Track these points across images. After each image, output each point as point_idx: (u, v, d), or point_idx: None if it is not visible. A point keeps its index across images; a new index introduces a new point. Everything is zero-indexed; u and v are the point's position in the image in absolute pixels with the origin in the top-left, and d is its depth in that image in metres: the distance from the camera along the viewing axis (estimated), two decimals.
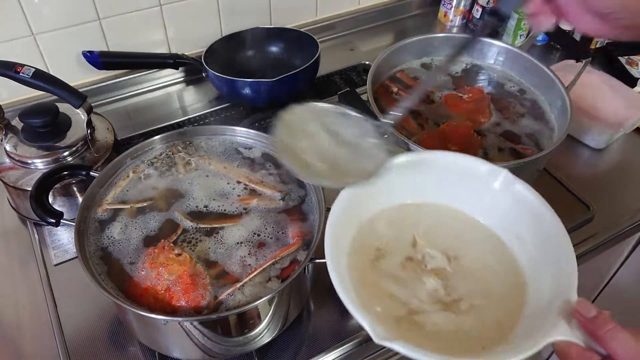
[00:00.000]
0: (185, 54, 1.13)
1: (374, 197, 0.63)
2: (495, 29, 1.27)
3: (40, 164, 0.85)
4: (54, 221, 0.68)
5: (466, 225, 0.64)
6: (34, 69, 0.83)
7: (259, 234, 0.70)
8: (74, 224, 0.67)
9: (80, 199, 0.80)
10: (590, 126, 1.01)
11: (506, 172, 0.61)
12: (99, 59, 1.06)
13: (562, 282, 0.52)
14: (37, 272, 0.82)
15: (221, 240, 0.69)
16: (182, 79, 1.19)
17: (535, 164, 0.80)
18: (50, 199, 0.73)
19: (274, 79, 1.02)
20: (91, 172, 0.74)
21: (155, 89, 1.18)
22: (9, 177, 0.85)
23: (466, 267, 0.61)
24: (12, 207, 0.91)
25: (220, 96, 1.15)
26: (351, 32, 1.35)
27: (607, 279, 1.26)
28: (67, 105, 0.86)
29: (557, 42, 1.26)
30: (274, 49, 1.21)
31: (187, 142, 0.81)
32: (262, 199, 0.74)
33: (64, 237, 0.87)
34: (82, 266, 0.63)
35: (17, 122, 0.88)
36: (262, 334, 0.68)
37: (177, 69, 1.15)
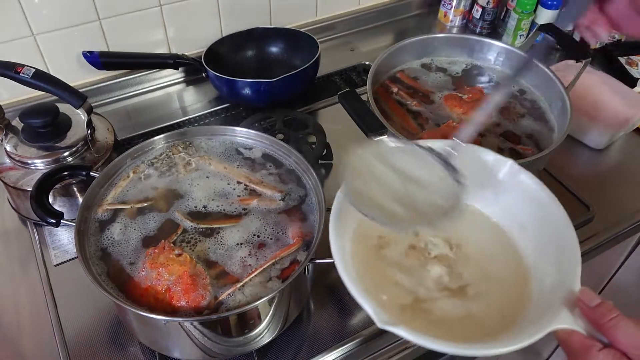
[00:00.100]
0: (185, 54, 1.13)
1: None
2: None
3: (40, 164, 0.85)
4: (54, 221, 0.68)
5: (467, 214, 0.64)
6: (34, 69, 0.83)
7: (259, 235, 0.70)
8: (74, 224, 0.67)
9: (80, 199, 0.80)
10: (590, 126, 1.01)
11: (512, 162, 0.62)
12: (99, 59, 1.06)
13: (565, 271, 0.52)
14: (38, 273, 0.82)
15: (221, 240, 0.69)
16: (182, 79, 1.19)
17: (535, 164, 0.80)
18: (50, 199, 0.73)
19: (274, 79, 1.02)
20: (91, 173, 0.74)
21: (155, 89, 1.18)
22: (9, 178, 0.85)
23: (469, 255, 0.61)
24: (12, 207, 0.92)
25: (220, 96, 1.15)
26: (351, 32, 1.35)
27: (607, 279, 1.26)
28: (67, 105, 0.86)
29: (557, 43, 1.26)
30: (274, 49, 1.22)
31: (187, 143, 0.81)
32: (262, 199, 0.74)
33: (64, 238, 0.87)
34: (82, 266, 0.63)
35: (17, 123, 0.88)
36: (263, 334, 0.68)
37: (177, 69, 1.15)
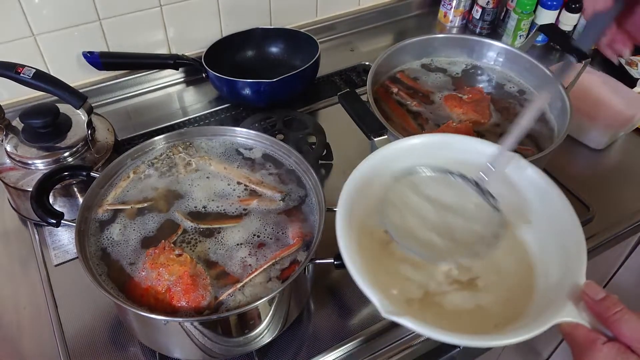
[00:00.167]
0: (185, 54, 1.14)
1: (384, 179, 0.63)
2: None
3: (40, 165, 0.85)
4: (55, 222, 0.68)
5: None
6: (34, 70, 0.83)
7: (259, 235, 0.70)
8: (74, 225, 0.67)
9: (80, 200, 0.80)
10: (590, 127, 1.01)
11: (518, 156, 0.62)
12: (100, 60, 1.06)
13: (570, 265, 0.52)
14: (38, 273, 0.82)
15: (221, 240, 0.69)
16: (182, 80, 1.20)
17: (535, 164, 0.80)
18: (50, 200, 0.73)
19: (274, 80, 1.02)
20: (92, 173, 0.74)
21: (155, 90, 1.18)
22: (10, 178, 0.85)
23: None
24: (12, 207, 0.92)
25: (220, 97, 1.15)
26: (351, 32, 1.35)
27: (607, 279, 1.26)
28: (68, 105, 0.86)
29: (556, 43, 1.26)
30: (274, 50, 1.22)
31: (187, 143, 0.81)
32: (263, 199, 0.74)
33: (64, 238, 0.87)
34: (82, 267, 0.63)
35: (17, 123, 0.88)
36: (263, 334, 0.68)
37: (178, 70, 1.15)
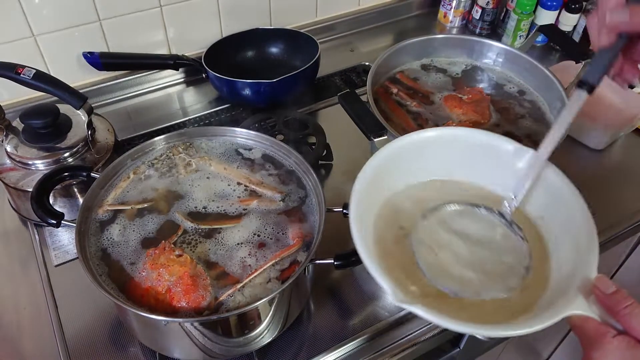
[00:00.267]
0: (185, 54, 1.14)
1: (397, 173, 0.63)
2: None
3: (41, 165, 0.85)
4: (55, 222, 0.68)
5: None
6: (34, 70, 0.83)
7: (259, 235, 0.70)
8: (74, 225, 0.67)
9: (80, 200, 0.80)
10: (589, 127, 1.02)
11: (532, 152, 0.62)
12: (100, 60, 1.06)
13: (582, 259, 0.52)
14: (38, 273, 0.83)
15: (221, 241, 0.69)
16: (182, 80, 1.20)
17: None
18: (51, 200, 0.73)
19: (274, 80, 1.02)
20: (92, 173, 0.74)
21: (155, 90, 1.18)
22: (10, 178, 0.85)
23: (491, 242, 0.61)
24: (12, 208, 0.92)
25: (220, 97, 1.15)
26: (351, 33, 1.35)
27: None
28: (68, 106, 0.86)
29: (556, 43, 1.26)
30: (274, 50, 1.22)
31: (187, 143, 0.81)
32: (262, 200, 0.74)
33: (64, 238, 0.87)
34: (82, 267, 0.63)
35: (17, 123, 0.88)
36: (263, 334, 0.68)
37: (178, 70, 1.15)
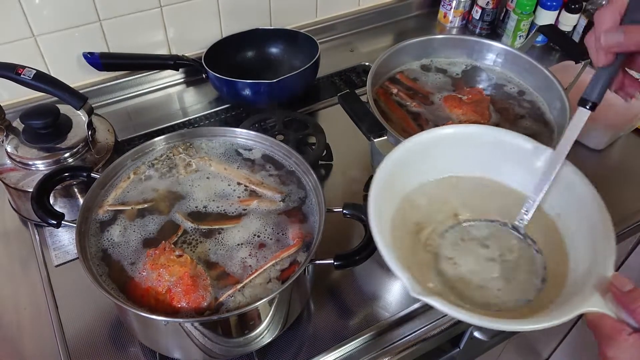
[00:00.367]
0: (185, 55, 1.14)
1: (414, 170, 0.64)
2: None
3: (41, 166, 0.85)
4: (55, 222, 0.68)
5: (508, 196, 0.63)
6: (35, 71, 0.83)
7: (259, 235, 0.70)
8: (75, 225, 0.67)
9: (81, 200, 0.80)
10: (589, 127, 1.00)
11: (551, 151, 0.62)
12: (100, 60, 1.06)
13: (599, 258, 0.52)
14: (38, 273, 0.83)
15: (222, 241, 0.69)
16: (182, 80, 1.20)
17: None
18: (51, 200, 0.73)
19: (274, 80, 1.02)
20: (92, 174, 0.74)
21: (155, 90, 1.18)
22: (10, 179, 0.85)
23: (507, 256, 0.61)
24: (13, 208, 0.92)
25: (220, 97, 1.15)
26: (351, 33, 1.36)
27: None
28: (68, 106, 0.86)
29: (556, 44, 1.26)
30: (273, 50, 1.22)
31: (187, 144, 0.81)
32: (263, 200, 0.74)
33: (64, 238, 0.87)
34: (83, 267, 0.63)
35: (18, 124, 0.88)
36: (263, 334, 0.68)
37: (178, 70, 1.15)
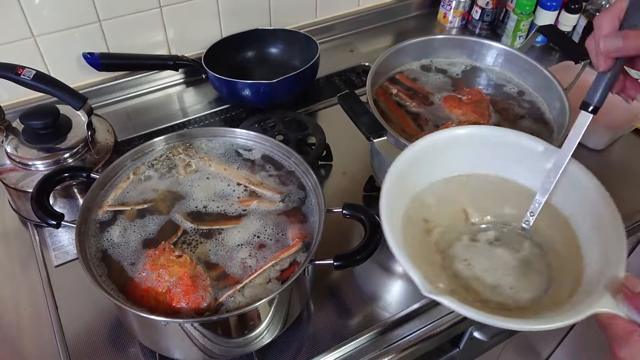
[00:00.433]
0: (185, 55, 1.14)
1: (424, 170, 0.64)
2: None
3: (41, 166, 0.85)
4: (55, 223, 0.68)
5: (519, 193, 0.62)
6: (34, 71, 0.83)
7: (259, 236, 0.70)
8: (74, 226, 0.67)
9: (80, 201, 0.80)
10: (589, 127, 1.01)
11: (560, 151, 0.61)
12: (99, 61, 1.06)
13: (611, 259, 0.52)
14: (38, 274, 0.83)
15: (221, 241, 0.69)
16: (182, 81, 1.20)
17: None
18: (51, 201, 0.73)
19: (274, 81, 1.02)
20: (92, 174, 0.74)
21: (155, 91, 1.18)
22: (10, 179, 0.85)
23: (516, 257, 0.61)
24: (12, 208, 0.92)
25: (220, 97, 1.15)
26: (351, 33, 1.36)
27: None
28: (68, 107, 0.86)
29: (555, 44, 1.26)
30: (273, 50, 1.22)
31: (187, 144, 0.81)
32: (262, 200, 0.74)
33: (64, 239, 0.87)
34: (82, 268, 0.63)
35: (17, 124, 0.88)
36: (262, 335, 0.68)
37: (177, 71, 1.15)
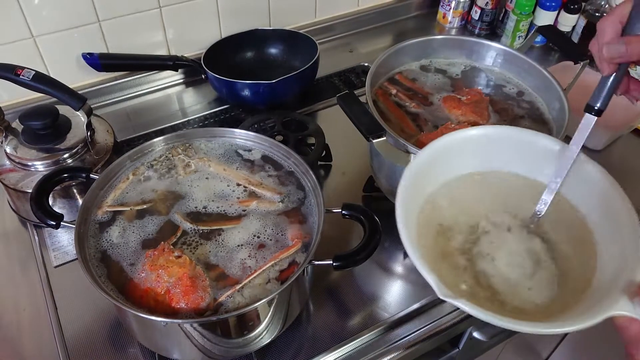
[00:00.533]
0: (184, 55, 1.14)
1: (438, 170, 0.64)
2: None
3: (40, 166, 0.85)
4: (54, 223, 0.68)
5: (536, 190, 0.62)
6: (34, 72, 0.83)
7: (258, 236, 0.70)
8: (74, 226, 0.67)
9: (80, 201, 0.80)
10: None
11: (579, 152, 0.61)
12: (99, 61, 1.06)
13: (627, 262, 0.52)
14: (38, 274, 0.83)
15: (221, 242, 0.69)
16: (181, 81, 1.20)
17: None
18: (50, 201, 0.73)
19: (273, 81, 1.02)
20: (91, 175, 0.74)
21: (154, 91, 1.18)
22: (9, 179, 0.85)
23: (543, 233, 0.61)
24: (12, 209, 0.92)
25: (219, 98, 1.15)
26: (350, 33, 1.36)
27: None
28: (67, 107, 0.86)
29: (555, 44, 1.26)
30: (273, 51, 1.22)
31: (186, 144, 0.81)
32: (262, 201, 0.74)
33: (64, 239, 0.87)
34: (82, 268, 0.63)
35: (17, 124, 0.88)
36: (262, 335, 0.68)
37: (177, 71, 1.15)
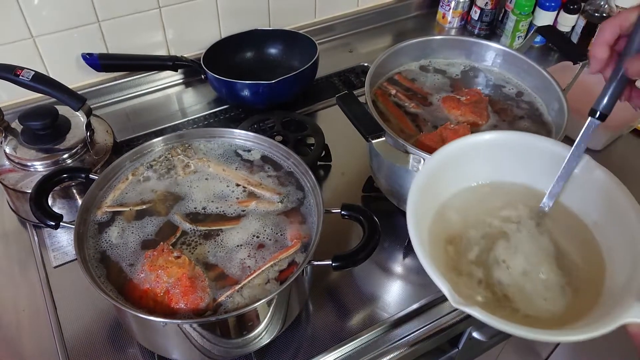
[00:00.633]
0: (184, 56, 1.14)
1: (450, 176, 0.64)
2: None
3: (39, 167, 0.85)
4: (54, 224, 0.68)
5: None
6: (33, 72, 0.83)
7: (257, 236, 0.70)
8: (73, 227, 0.67)
9: (79, 202, 0.80)
10: None
11: (588, 157, 0.61)
12: (99, 61, 1.06)
13: (638, 267, 0.52)
14: (37, 274, 0.83)
15: (220, 242, 0.69)
16: (181, 81, 1.20)
17: None
18: (49, 202, 0.73)
19: (273, 81, 1.02)
20: (90, 175, 0.74)
21: (154, 91, 1.18)
22: (9, 180, 0.85)
23: (550, 243, 0.61)
24: (11, 209, 0.92)
25: (219, 98, 1.15)
26: (350, 33, 1.36)
27: None
28: (67, 107, 0.86)
29: (554, 44, 1.26)
30: (272, 51, 1.22)
31: (186, 145, 0.81)
32: (261, 201, 0.74)
33: (63, 240, 0.87)
34: (81, 269, 0.63)
35: (16, 125, 0.88)
36: (261, 335, 0.68)
37: (176, 71, 1.15)
